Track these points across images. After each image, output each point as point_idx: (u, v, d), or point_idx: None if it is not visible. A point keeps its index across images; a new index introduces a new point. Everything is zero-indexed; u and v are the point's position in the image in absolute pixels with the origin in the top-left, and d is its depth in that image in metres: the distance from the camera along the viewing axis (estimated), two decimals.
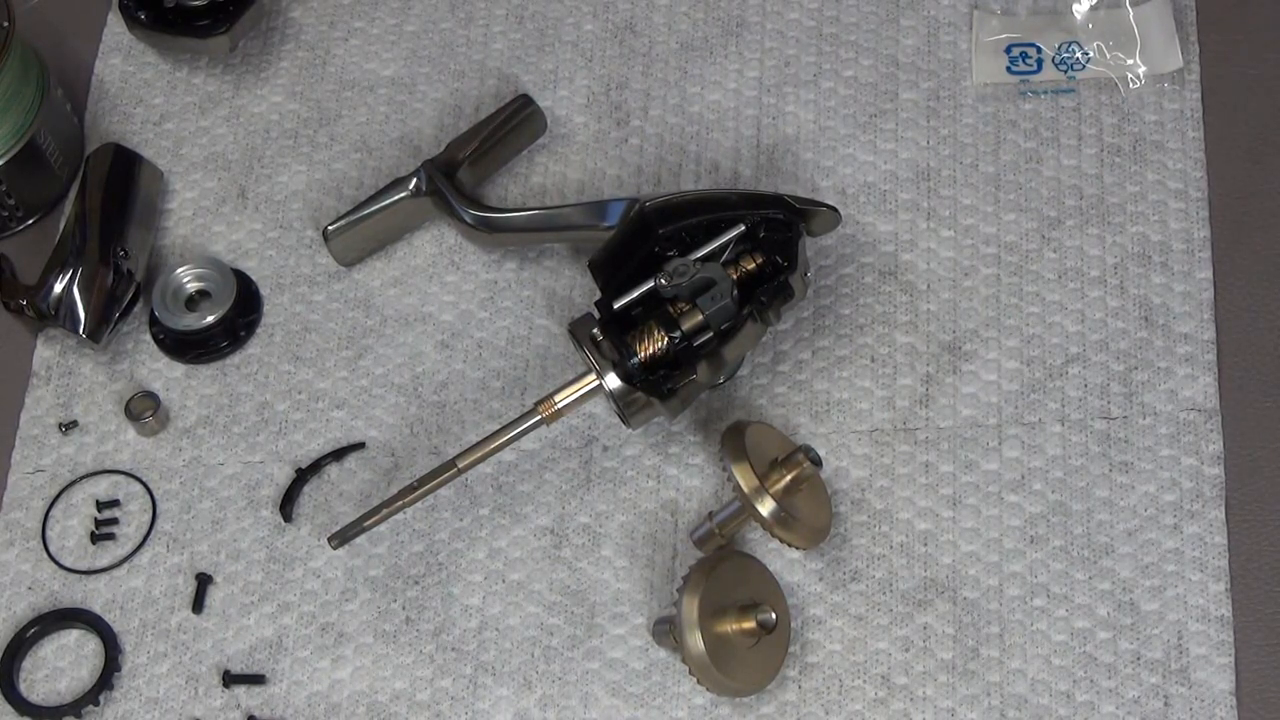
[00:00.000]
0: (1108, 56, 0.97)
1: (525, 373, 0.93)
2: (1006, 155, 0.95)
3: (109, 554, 0.91)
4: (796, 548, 0.84)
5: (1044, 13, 0.99)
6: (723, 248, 0.87)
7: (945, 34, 1.00)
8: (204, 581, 0.89)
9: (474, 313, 0.95)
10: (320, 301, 0.96)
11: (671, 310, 0.85)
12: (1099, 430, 0.88)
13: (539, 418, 0.85)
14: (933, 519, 0.86)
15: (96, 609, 0.89)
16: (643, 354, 0.84)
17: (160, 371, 0.95)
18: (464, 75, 1.02)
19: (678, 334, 0.84)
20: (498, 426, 0.86)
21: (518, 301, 0.95)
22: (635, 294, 0.86)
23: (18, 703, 0.87)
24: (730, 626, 0.81)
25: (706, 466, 0.89)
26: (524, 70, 1.02)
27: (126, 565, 0.90)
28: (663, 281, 0.85)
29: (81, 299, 0.93)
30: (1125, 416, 0.88)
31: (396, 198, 0.95)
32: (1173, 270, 0.91)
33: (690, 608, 0.80)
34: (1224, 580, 0.83)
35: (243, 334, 0.95)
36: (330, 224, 0.95)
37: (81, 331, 0.93)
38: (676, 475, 0.89)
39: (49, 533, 0.91)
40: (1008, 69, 0.98)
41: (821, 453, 0.85)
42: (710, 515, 0.85)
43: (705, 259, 0.86)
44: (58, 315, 0.93)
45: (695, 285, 0.85)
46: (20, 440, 0.94)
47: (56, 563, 0.90)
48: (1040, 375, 0.89)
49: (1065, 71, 0.97)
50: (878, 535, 0.86)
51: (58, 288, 0.93)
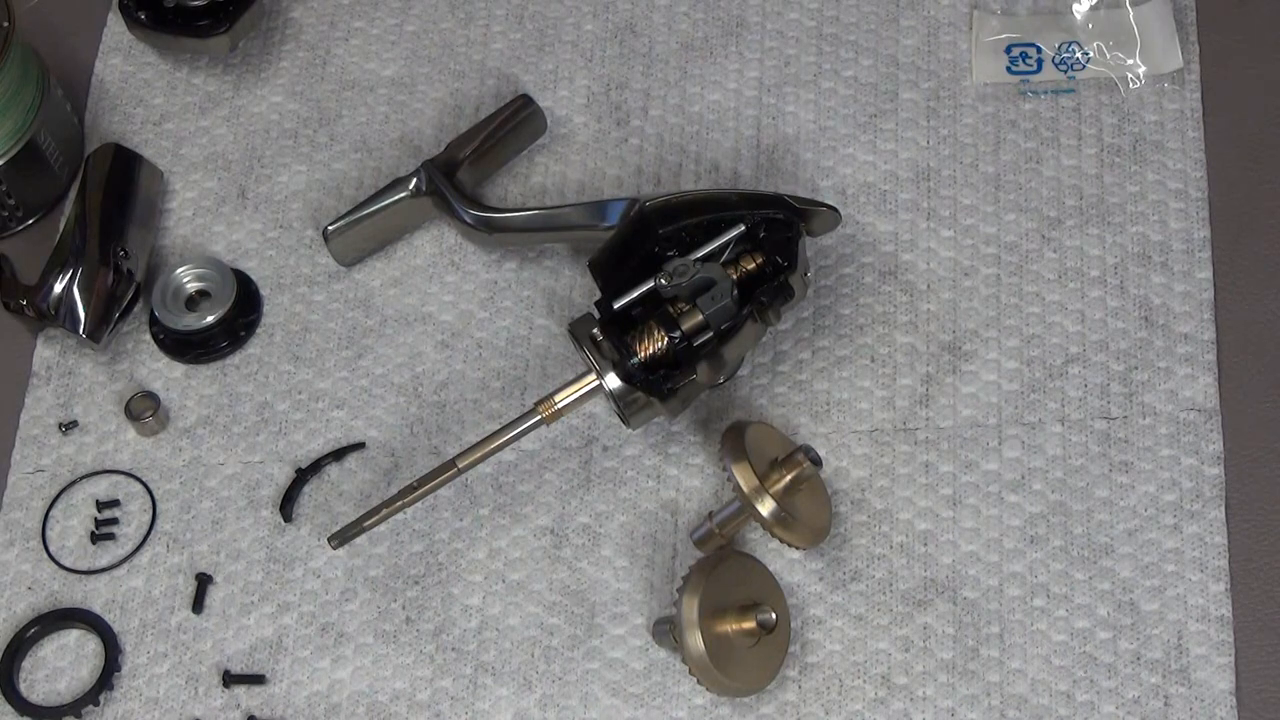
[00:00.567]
0: (1108, 56, 0.97)
1: (525, 373, 0.93)
2: (1006, 155, 0.95)
3: (109, 554, 0.91)
4: (796, 548, 0.84)
5: (1044, 13, 0.99)
6: (723, 248, 0.87)
7: (945, 34, 1.00)
8: (204, 581, 0.89)
9: (474, 313, 0.95)
10: (320, 301, 0.96)
11: (671, 310, 0.85)
12: (1099, 430, 0.88)
13: (539, 418, 0.85)
14: (933, 519, 0.86)
15: (96, 609, 0.89)
16: (643, 354, 0.84)
17: (160, 371, 0.95)
18: (464, 75, 1.02)
19: (678, 334, 0.84)
20: (498, 426, 0.86)
21: (518, 301, 0.95)
22: (635, 294, 0.86)
23: (18, 703, 0.87)
24: (730, 626, 0.81)
25: (706, 466, 0.89)
26: (524, 70, 1.02)
27: (126, 565, 0.90)
28: (663, 281, 0.85)
29: (81, 299, 0.93)
30: (1125, 416, 0.88)
31: (396, 198, 0.95)
32: (1173, 270, 0.91)
33: (690, 608, 0.80)
34: (1224, 580, 0.83)
35: (243, 334, 0.95)
36: (330, 224, 0.95)
37: (81, 331, 0.93)
38: (676, 475, 0.89)
39: (49, 533, 0.91)
40: (1008, 69, 0.98)
41: (821, 453, 0.85)
42: (710, 515, 0.85)
43: (705, 259, 0.86)
44: (58, 315, 0.93)
45: (695, 285, 0.85)
46: (20, 440, 0.94)
47: (56, 563, 0.91)
48: (1040, 375, 0.89)
49: (1065, 71, 0.97)
50: (878, 535, 0.86)
51: (58, 288, 0.93)
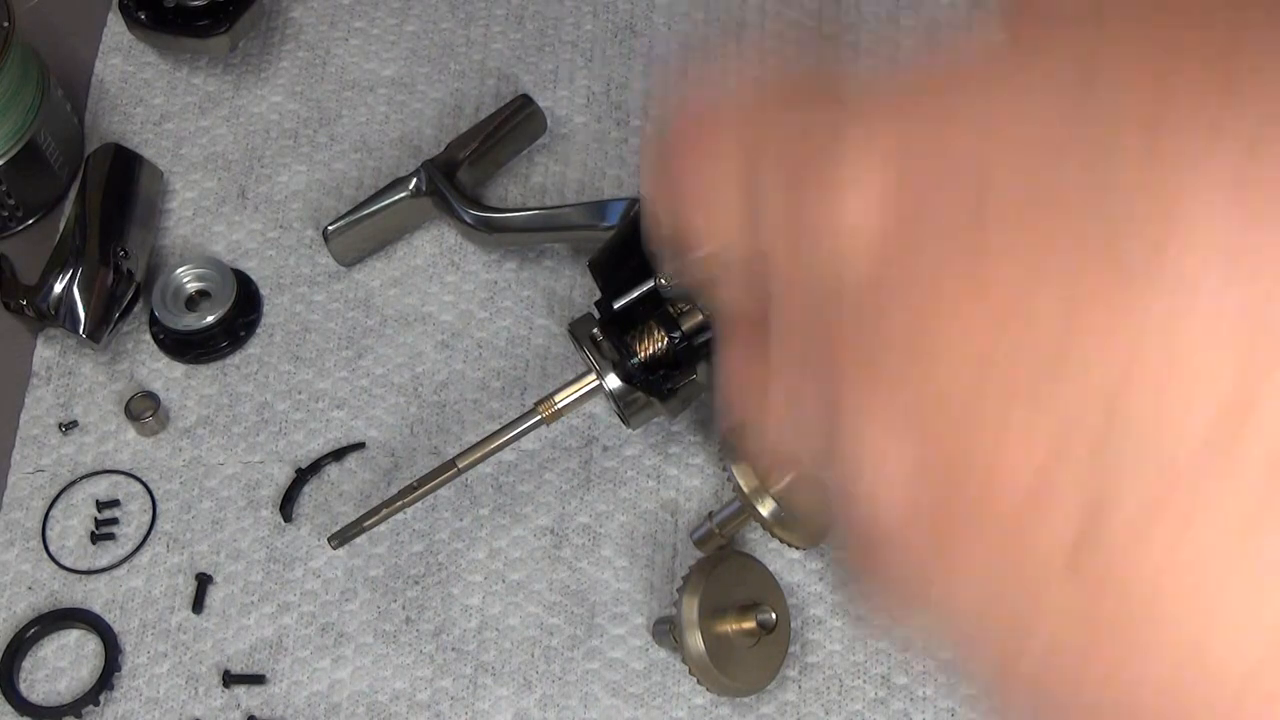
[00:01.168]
0: None
1: (525, 373, 0.93)
2: None
3: (109, 554, 0.91)
4: (796, 547, 0.84)
5: None
6: None
7: (945, 34, 0.99)
8: (204, 581, 0.89)
9: (474, 313, 0.95)
10: (320, 301, 0.96)
11: (671, 310, 0.85)
12: None
13: (539, 418, 0.85)
14: None
15: (96, 609, 0.89)
16: (643, 354, 0.84)
17: (160, 371, 0.95)
18: (464, 75, 1.02)
19: (678, 334, 0.84)
20: (498, 426, 0.86)
21: (518, 301, 0.95)
22: (635, 294, 0.86)
23: (18, 703, 0.87)
24: (730, 626, 0.81)
25: (706, 466, 0.89)
26: (524, 70, 1.02)
27: (126, 565, 0.90)
28: (663, 281, 0.85)
29: (81, 299, 0.93)
30: None
31: (396, 198, 0.95)
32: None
33: (690, 608, 0.80)
34: None
35: (243, 334, 0.95)
36: (330, 224, 0.95)
37: (81, 331, 0.92)
38: (676, 475, 0.89)
39: (49, 533, 0.91)
40: None
41: None
42: (710, 515, 0.85)
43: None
44: (58, 315, 0.93)
45: None
46: (20, 440, 0.94)
47: (56, 563, 0.90)
48: None
49: None
50: None
51: (58, 288, 0.93)
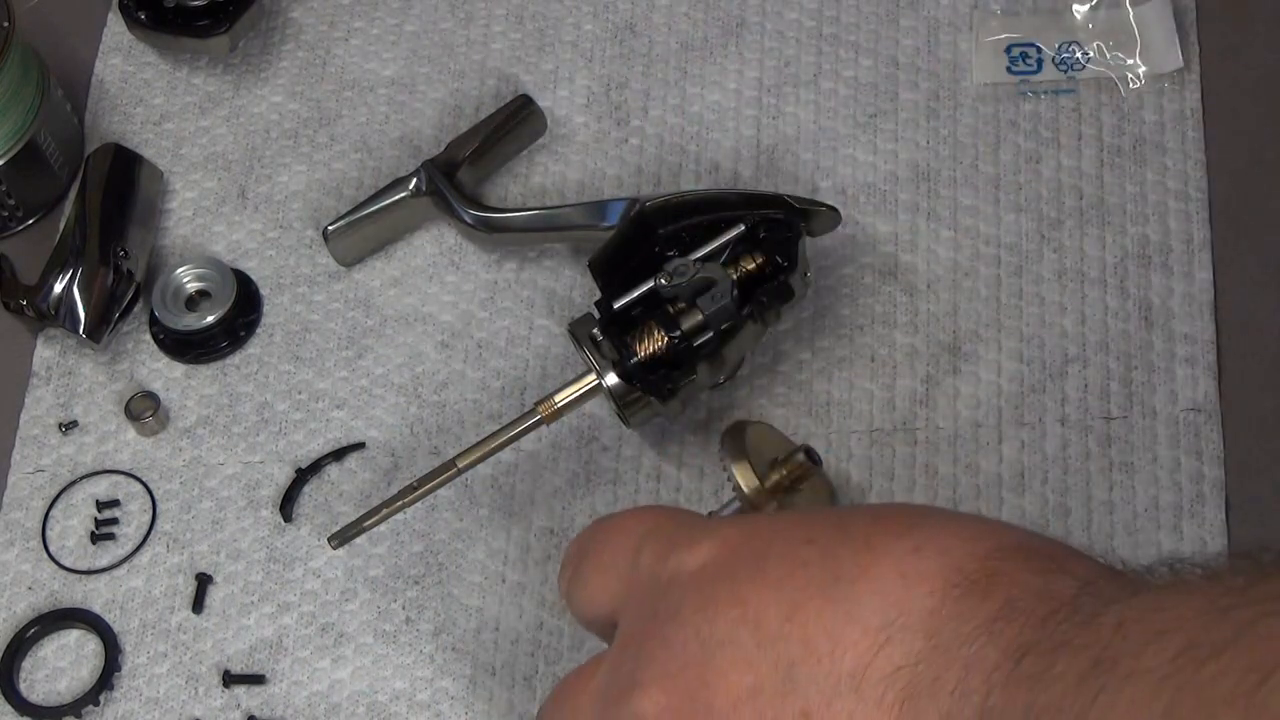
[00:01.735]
0: (1108, 56, 0.97)
1: (525, 373, 0.93)
2: (1006, 155, 0.95)
3: (109, 554, 0.91)
4: None
5: (1044, 13, 0.99)
6: (722, 248, 0.87)
7: (945, 34, 0.99)
8: (204, 581, 0.89)
9: (474, 313, 0.95)
10: (320, 301, 0.96)
11: (671, 310, 0.85)
12: (1099, 430, 0.88)
13: (539, 418, 0.85)
14: None
15: (96, 609, 0.89)
16: (643, 354, 0.84)
17: (160, 371, 0.95)
18: (464, 75, 1.02)
19: (678, 334, 0.84)
20: (498, 426, 0.86)
21: (518, 301, 0.95)
22: (635, 294, 0.86)
23: (18, 703, 0.87)
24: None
25: (706, 466, 0.89)
26: (524, 70, 1.02)
27: (126, 565, 0.90)
28: (662, 281, 0.85)
29: (81, 299, 0.93)
30: (1125, 416, 0.88)
31: (396, 198, 0.95)
32: (1173, 270, 0.91)
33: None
34: None
35: (243, 334, 0.95)
36: (330, 224, 0.95)
37: (81, 331, 0.93)
38: (676, 475, 0.89)
39: (49, 533, 0.91)
40: (1008, 69, 0.98)
41: (821, 453, 0.85)
42: (710, 515, 0.85)
43: (705, 259, 0.86)
44: (58, 315, 0.93)
45: (695, 285, 0.85)
46: (20, 440, 0.94)
47: (56, 563, 0.90)
48: (1040, 375, 0.89)
49: (1065, 71, 0.97)
50: None
51: (58, 288, 0.93)
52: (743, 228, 0.87)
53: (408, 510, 0.86)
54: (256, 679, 0.86)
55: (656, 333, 0.85)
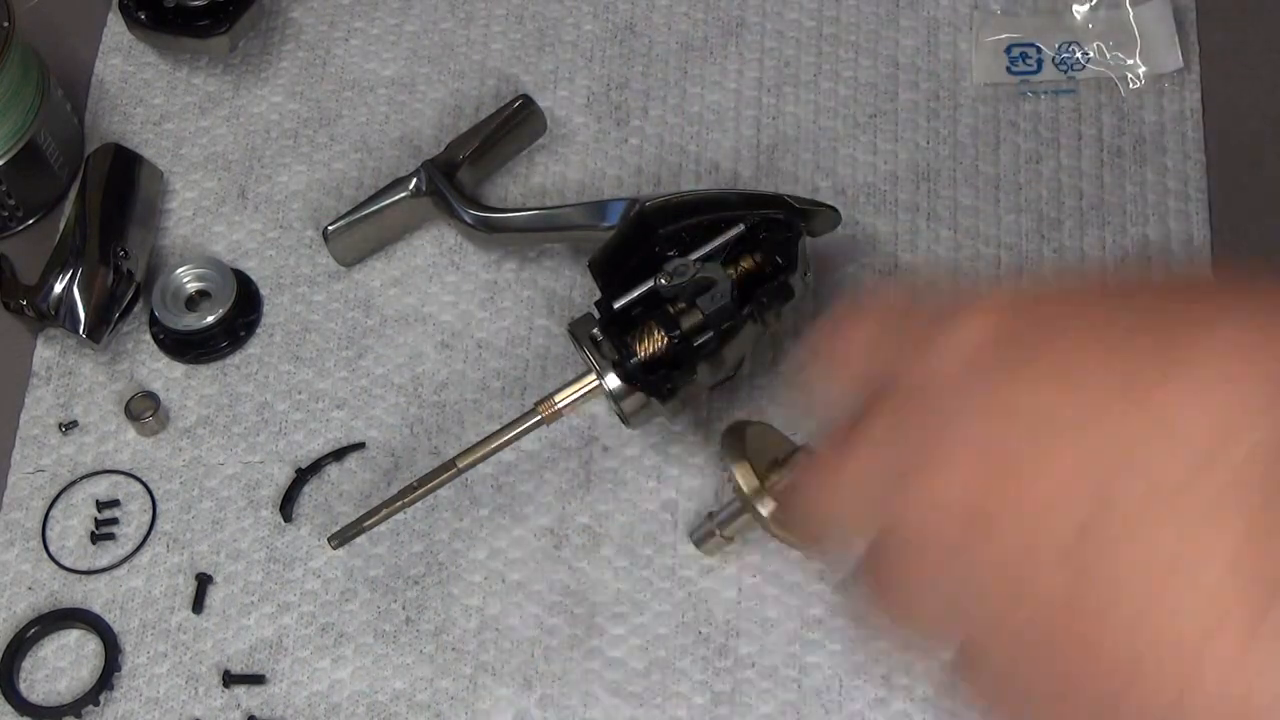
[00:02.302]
0: (1108, 56, 0.97)
1: (525, 373, 0.93)
2: (1006, 155, 0.95)
3: (109, 554, 0.91)
4: (796, 548, 0.84)
5: (1044, 13, 0.99)
6: (722, 248, 0.87)
7: (945, 34, 1.00)
8: (204, 581, 0.89)
9: (474, 313, 0.95)
10: (320, 301, 0.96)
11: (671, 310, 0.85)
12: None
13: (539, 418, 0.85)
14: None
15: (96, 609, 0.89)
16: (643, 354, 0.84)
17: (160, 371, 0.95)
18: (464, 75, 1.02)
19: (677, 334, 0.84)
20: (498, 426, 0.86)
21: (518, 301, 0.95)
22: (635, 294, 0.86)
23: (18, 703, 0.87)
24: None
25: (706, 466, 0.89)
26: (524, 70, 1.02)
27: (126, 565, 0.90)
28: (662, 281, 0.85)
29: (81, 299, 0.93)
30: None
31: (396, 198, 0.95)
32: (1173, 270, 0.91)
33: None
34: None
35: (243, 334, 0.95)
36: (330, 224, 0.95)
37: (81, 331, 0.93)
38: (676, 475, 0.89)
39: (49, 533, 0.91)
40: (1008, 69, 0.98)
41: None
42: (710, 515, 0.85)
43: (705, 259, 0.86)
44: (58, 315, 0.93)
45: (695, 285, 0.85)
46: (20, 440, 0.94)
47: (56, 563, 0.90)
48: None
49: (1065, 72, 0.97)
50: None
51: (58, 288, 0.93)
52: (742, 228, 0.87)
53: (408, 510, 0.86)
54: (256, 679, 0.86)
55: (656, 333, 0.85)
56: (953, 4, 1.00)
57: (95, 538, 0.91)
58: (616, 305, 0.86)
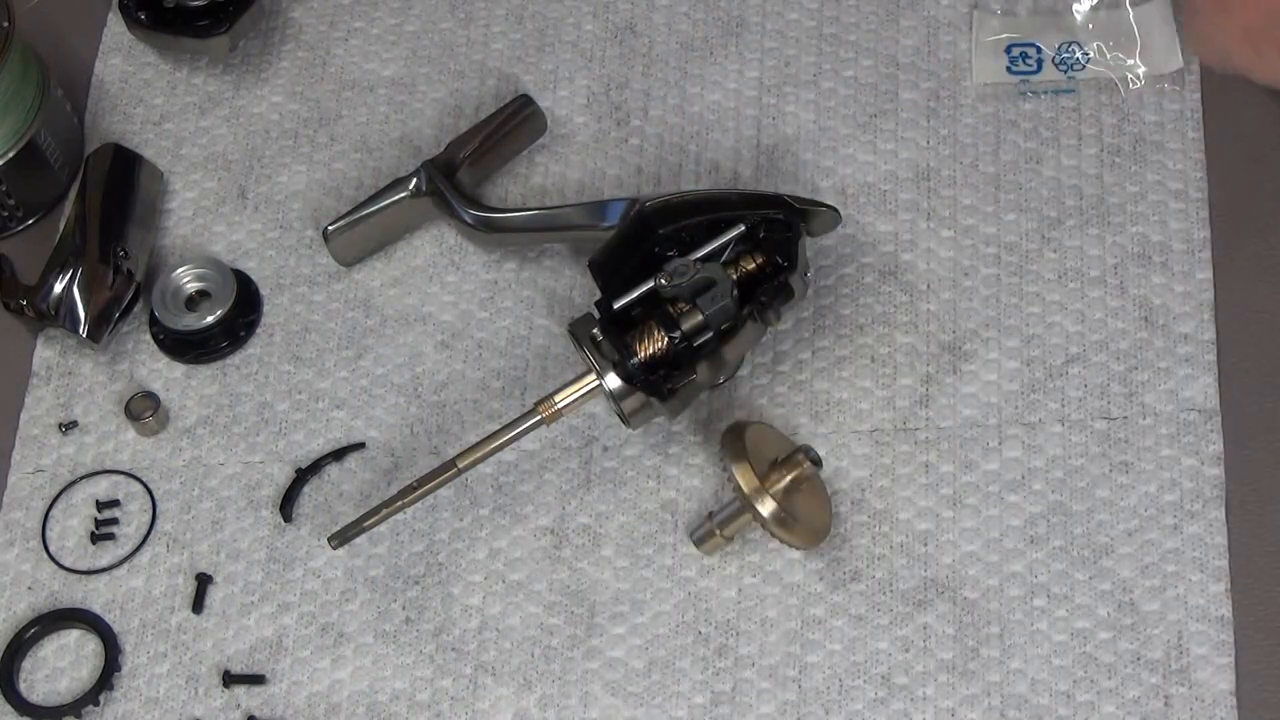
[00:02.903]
0: (1108, 56, 0.97)
1: (525, 373, 0.93)
2: (1006, 155, 0.95)
3: (109, 554, 0.91)
4: (796, 548, 0.84)
5: (1044, 13, 0.99)
6: (723, 248, 0.87)
7: (945, 34, 1.00)
8: (204, 581, 0.89)
9: (474, 313, 0.95)
10: (320, 301, 0.96)
11: (671, 310, 0.85)
12: (1099, 430, 0.88)
13: (539, 418, 0.85)
14: (933, 519, 0.86)
15: (96, 609, 0.89)
16: (643, 354, 0.84)
17: (160, 371, 0.95)
18: (464, 75, 1.02)
19: (678, 334, 0.84)
20: (498, 426, 0.86)
21: (518, 301, 0.95)
22: (635, 294, 0.86)
23: (18, 703, 0.87)
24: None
25: (706, 466, 0.89)
26: (524, 70, 1.02)
27: (126, 565, 0.90)
28: (663, 281, 0.85)
29: (81, 299, 0.93)
30: (1125, 416, 0.88)
31: (396, 198, 0.95)
32: (1173, 270, 0.91)
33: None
34: (1224, 580, 0.83)
35: (243, 334, 0.95)
36: (330, 224, 0.95)
37: (81, 331, 0.93)
38: (676, 475, 0.89)
39: (49, 533, 0.91)
40: (1008, 69, 0.98)
41: (821, 453, 0.85)
42: (710, 515, 0.85)
43: (705, 259, 0.86)
44: (58, 315, 0.93)
45: (695, 285, 0.85)
46: (20, 440, 0.94)
47: (56, 563, 0.91)
48: (1040, 375, 0.89)
49: (1065, 71, 0.97)
50: (878, 535, 0.86)
51: (58, 288, 0.93)
52: (743, 228, 0.87)
53: (408, 510, 0.86)
54: (256, 679, 0.86)
55: (656, 333, 0.85)
56: (953, 4, 1.00)
57: (95, 538, 0.91)
58: (616, 305, 0.86)
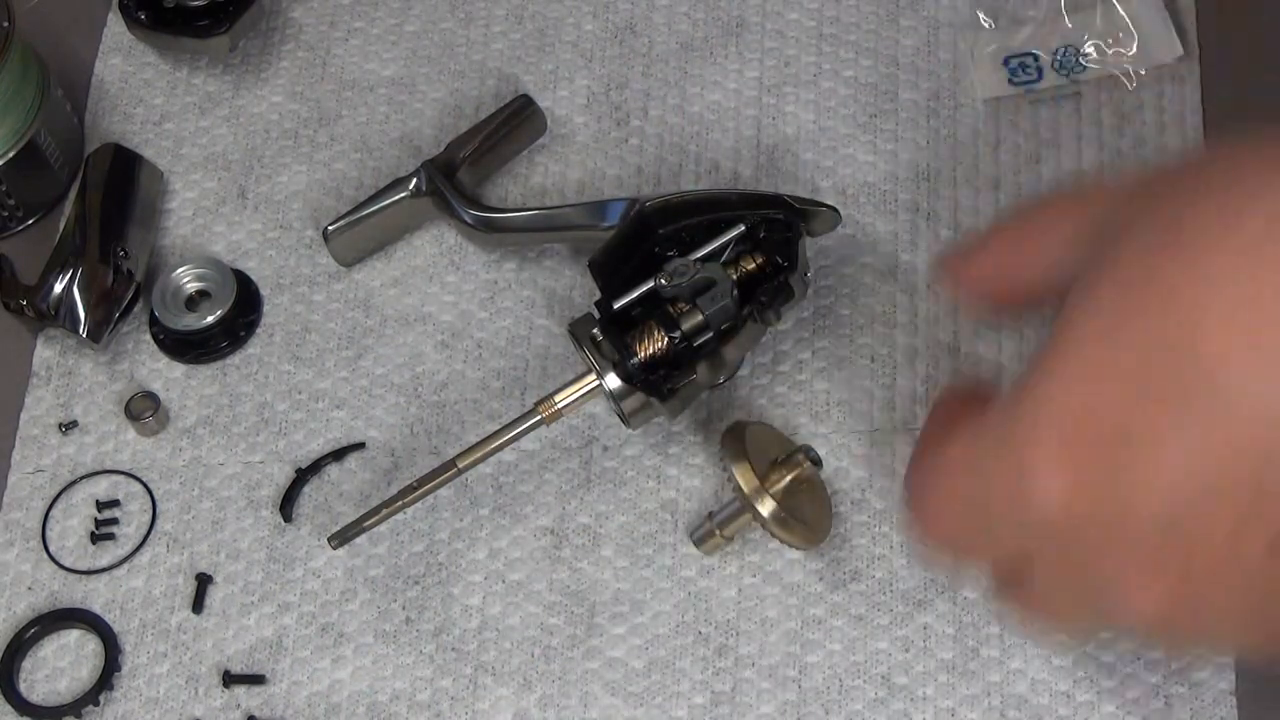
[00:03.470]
0: (1107, 54, 0.97)
1: (525, 373, 0.93)
2: (1007, 156, 0.95)
3: (109, 554, 0.91)
4: (796, 548, 0.84)
5: (1036, 20, 0.99)
6: (723, 248, 0.87)
7: (945, 34, 0.99)
8: (204, 581, 0.89)
9: (474, 313, 0.95)
10: (320, 301, 0.96)
11: (671, 310, 0.85)
12: None
13: (539, 418, 0.85)
14: None
15: (96, 609, 0.89)
16: (643, 354, 0.84)
17: (160, 371, 0.95)
18: (464, 75, 1.02)
19: (678, 334, 0.84)
20: (498, 426, 0.86)
21: (518, 301, 0.95)
22: (635, 294, 0.86)
23: (18, 703, 0.87)
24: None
25: (706, 466, 0.89)
26: (524, 70, 1.02)
27: (126, 565, 0.90)
28: (663, 281, 0.85)
29: (81, 299, 0.93)
30: None
31: (396, 198, 0.95)
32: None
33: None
34: None
35: (243, 334, 0.95)
36: (330, 224, 0.95)
37: (81, 331, 0.93)
38: (676, 475, 0.89)
39: (49, 533, 0.91)
40: (1009, 81, 0.97)
41: (821, 453, 0.85)
42: (710, 515, 0.85)
43: (705, 259, 0.86)
44: (58, 315, 0.93)
45: (695, 285, 0.85)
46: (20, 440, 0.94)
47: (56, 563, 0.91)
48: None
49: (1067, 75, 0.97)
50: (878, 535, 0.86)
51: (58, 288, 0.93)
52: (743, 228, 0.87)
53: (408, 510, 0.86)
54: (256, 679, 0.87)
55: (656, 333, 0.85)
56: (953, 4, 1.00)
57: (95, 538, 0.91)
58: (616, 305, 0.86)
